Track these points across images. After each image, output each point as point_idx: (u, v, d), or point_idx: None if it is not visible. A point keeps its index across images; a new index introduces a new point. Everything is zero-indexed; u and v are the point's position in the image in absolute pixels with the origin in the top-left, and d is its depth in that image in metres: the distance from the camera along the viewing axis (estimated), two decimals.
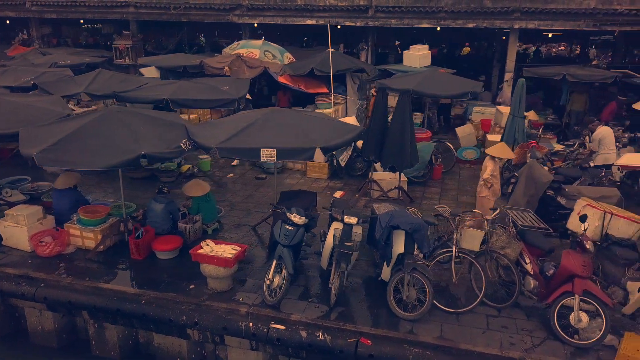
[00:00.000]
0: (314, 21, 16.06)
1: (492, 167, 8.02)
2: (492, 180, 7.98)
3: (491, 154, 8.18)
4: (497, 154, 8.16)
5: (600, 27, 14.14)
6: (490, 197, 8.01)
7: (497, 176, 8.15)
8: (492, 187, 8.01)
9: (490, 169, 8.02)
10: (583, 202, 6.77)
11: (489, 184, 8.00)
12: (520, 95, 10.59)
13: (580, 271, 5.73)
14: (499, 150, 8.25)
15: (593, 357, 5.56)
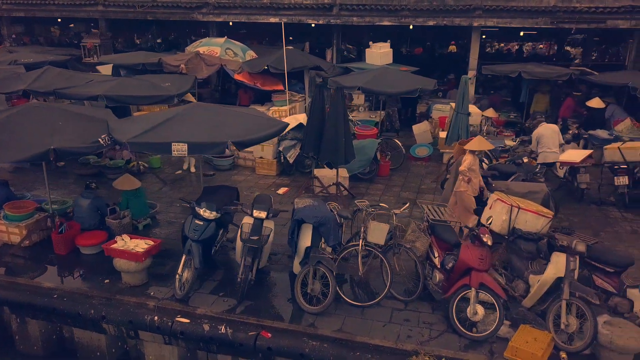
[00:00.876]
0: (277, 19, 16.07)
1: (470, 160, 7.74)
2: (471, 174, 7.68)
3: (470, 149, 7.93)
4: (475, 148, 7.92)
5: (557, 25, 14.17)
6: (470, 192, 7.78)
7: (477, 171, 7.91)
8: (470, 181, 7.73)
9: (468, 162, 7.71)
10: (494, 196, 6.80)
11: (466, 178, 7.75)
12: (464, 92, 10.62)
13: (476, 264, 5.77)
14: (476, 144, 8.00)
15: (486, 349, 5.59)
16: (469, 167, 7.66)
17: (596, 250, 6.08)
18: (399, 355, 5.57)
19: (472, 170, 7.74)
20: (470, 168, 7.72)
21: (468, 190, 7.81)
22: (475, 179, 7.76)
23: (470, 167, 7.72)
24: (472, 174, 7.75)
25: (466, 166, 7.67)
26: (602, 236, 8.47)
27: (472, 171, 7.74)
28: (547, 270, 5.78)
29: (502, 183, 8.47)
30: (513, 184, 8.49)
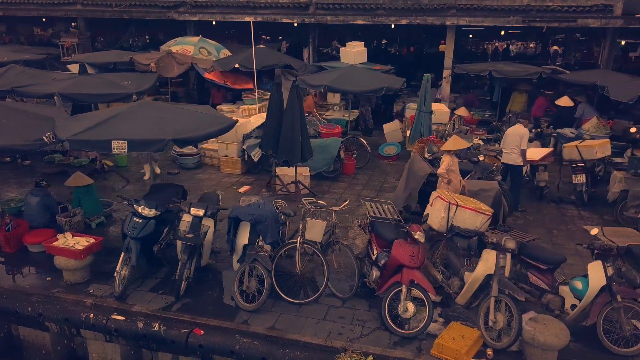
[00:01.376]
0: (252, 18, 16.04)
1: (448, 161, 7.65)
2: (450, 175, 7.61)
3: (446, 149, 7.84)
4: (450, 147, 7.81)
5: (529, 24, 14.16)
6: (451, 192, 7.52)
7: (456, 171, 7.79)
8: (450, 182, 7.65)
9: (446, 163, 7.63)
10: (435, 193, 6.80)
11: (445, 179, 7.66)
12: (426, 90, 10.62)
13: (407, 261, 5.77)
14: (452, 144, 7.90)
15: (414, 346, 5.59)
16: (447, 169, 7.55)
17: (531, 248, 6.09)
18: (328, 353, 5.57)
19: (451, 170, 7.64)
20: (449, 169, 7.61)
21: (449, 191, 7.61)
22: (455, 179, 7.66)
23: (449, 168, 7.60)
24: (452, 174, 7.64)
25: (444, 168, 7.56)
26: (555, 234, 8.50)
27: (451, 172, 7.64)
28: (477, 267, 5.78)
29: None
30: (466, 182, 8.48)
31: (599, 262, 5.57)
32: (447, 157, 7.72)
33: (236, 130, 11.09)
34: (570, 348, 5.61)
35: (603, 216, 9.16)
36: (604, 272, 5.51)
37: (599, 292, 5.54)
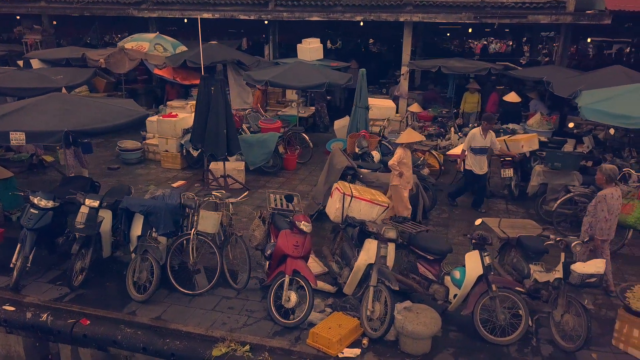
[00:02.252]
0: (210, 15, 16.07)
1: (400, 154, 7.67)
2: (402, 167, 7.64)
3: (400, 142, 7.88)
4: (404, 140, 7.83)
5: (481, 20, 14.17)
6: (403, 185, 7.71)
7: (408, 164, 7.82)
8: (402, 175, 7.63)
9: (398, 156, 7.65)
10: (335, 185, 6.81)
11: (396, 172, 7.65)
12: (361, 86, 10.63)
13: (291, 251, 5.78)
14: (405, 137, 7.92)
15: (294, 335, 5.60)
16: (398, 161, 7.59)
17: (419, 239, 6.11)
18: (208, 342, 5.58)
19: (402, 163, 7.67)
20: (401, 162, 7.64)
21: (401, 184, 7.74)
22: (407, 172, 7.70)
23: (401, 161, 7.63)
24: (404, 167, 7.67)
25: (395, 160, 7.60)
26: (474, 228, 8.48)
27: (403, 164, 7.67)
28: (359, 257, 5.79)
29: (373, 175, 8.51)
30: (382, 175, 8.52)
31: (476, 252, 5.59)
32: (400, 150, 7.75)
33: (175, 125, 11.16)
34: (449, 337, 5.65)
35: (528, 210, 9.18)
36: (480, 261, 5.53)
37: (476, 282, 5.56)
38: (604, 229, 6.13)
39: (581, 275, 5.14)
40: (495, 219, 6.63)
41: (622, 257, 7.55)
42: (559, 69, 13.59)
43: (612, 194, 6.08)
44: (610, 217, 6.10)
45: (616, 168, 6.38)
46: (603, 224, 6.10)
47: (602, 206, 6.07)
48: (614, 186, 6.15)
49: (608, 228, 6.15)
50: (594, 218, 6.12)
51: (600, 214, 6.08)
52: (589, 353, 5.39)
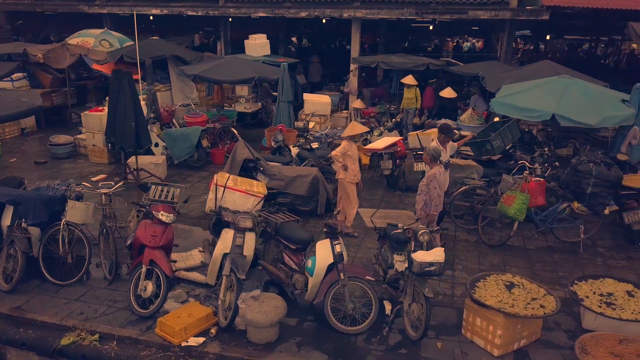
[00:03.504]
0: (159, 11, 16.07)
1: (345, 146, 7.63)
2: (347, 160, 7.59)
3: (343, 135, 7.93)
4: (347, 133, 7.84)
5: (422, 16, 14.16)
6: (350, 179, 7.64)
7: (354, 157, 7.73)
8: (347, 168, 7.59)
9: (341, 148, 7.63)
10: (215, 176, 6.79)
11: (339, 164, 7.66)
12: (283, 80, 10.63)
13: (148, 241, 5.78)
14: (349, 129, 7.95)
15: (146, 325, 5.59)
16: (342, 153, 7.57)
17: (285, 229, 6.11)
18: (60, 331, 5.57)
19: (347, 156, 7.63)
20: (346, 154, 7.60)
21: (347, 177, 7.69)
22: (352, 165, 7.66)
23: (345, 153, 7.60)
24: (349, 159, 7.63)
25: (339, 151, 7.60)
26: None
27: (348, 157, 7.63)
28: (217, 246, 5.79)
29: (275, 167, 8.52)
30: (285, 168, 8.56)
31: (327, 240, 5.58)
32: (345, 143, 7.73)
33: (101, 120, 11.15)
34: (302, 326, 5.65)
35: None
36: (331, 250, 5.52)
37: (328, 271, 5.55)
38: (438, 204, 6.53)
39: (420, 264, 5.14)
40: (371, 210, 6.64)
41: (508, 248, 7.56)
42: (498, 64, 13.62)
43: (440, 172, 6.46)
44: (441, 193, 6.54)
45: (439, 150, 6.68)
46: (437, 199, 6.47)
47: (434, 184, 6.41)
48: (439, 164, 6.51)
49: (440, 203, 6.61)
50: (428, 195, 6.43)
51: (433, 191, 6.41)
52: (435, 342, 5.39)
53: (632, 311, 5.35)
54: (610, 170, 6.89)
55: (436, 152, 6.50)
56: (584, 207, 7.14)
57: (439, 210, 6.65)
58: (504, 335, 5.09)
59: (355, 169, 7.75)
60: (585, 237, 7.61)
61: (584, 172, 6.97)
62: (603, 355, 4.83)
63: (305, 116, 12.94)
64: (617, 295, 5.65)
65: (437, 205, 6.51)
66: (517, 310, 5.08)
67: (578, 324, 5.71)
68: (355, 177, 7.76)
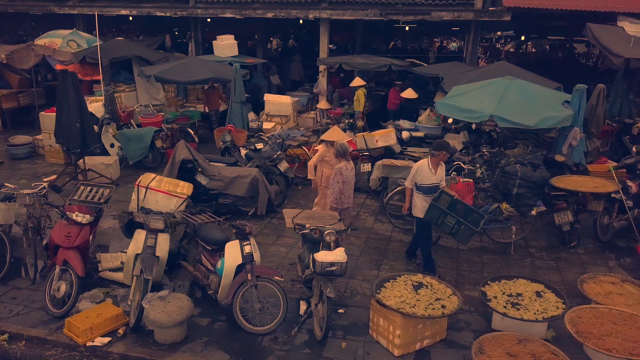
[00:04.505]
0: (127, 11, 16.12)
1: (322, 152, 7.61)
2: (323, 166, 7.51)
3: (324, 139, 7.82)
4: (326, 138, 7.76)
5: (386, 17, 14.19)
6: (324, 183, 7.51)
7: (331, 162, 7.52)
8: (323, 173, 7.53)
9: (319, 154, 7.60)
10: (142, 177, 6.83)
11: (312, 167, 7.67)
12: (236, 80, 10.67)
13: (62, 242, 5.81)
14: (329, 134, 7.87)
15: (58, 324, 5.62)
16: (319, 160, 7.54)
17: (202, 230, 6.15)
18: None
19: (324, 162, 7.58)
20: (323, 159, 7.57)
21: (322, 182, 7.64)
22: (328, 171, 7.41)
23: (322, 159, 7.58)
24: (325, 165, 7.54)
25: (315, 159, 7.60)
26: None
27: (324, 162, 7.57)
28: (129, 247, 5.82)
29: (215, 168, 8.56)
30: (225, 169, 8.59)
31: (236, 241, 5.61)
32: (322, 148, 7.61)
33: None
34: (213, 327, 5.69)
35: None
36: (240, 251, 5.56)
37: (238, 271, 5.59)
38: (342, 198, 6.83)
39: (322, 264, 5.17)
40: (296, 210, 6.65)
41: (440, 248, 7.59)
42: (460, 65, 13.66)
43: (345, 166, 6.76)
44: (345, 187, 6.79)
45: (346, 145, 6.86)
46: (337, 193, 6.76)
47: (337, 178, 6.71)
48: (347, 160, 6.81)
49: (347, 197, 6.89)
50: (333, 189, 6.66)
51: (336, 185, 6.72)
52: (341, 342, 5.42)
53: (535, 312, 5.38)
54: (536, 172, 6.92)
55: (342, 148, 6.81)
56: (511, 208, 7.17)
57: (344, 206, 6.86)
58: (403, 335, 5.13)
59: (329, 174, 7.39)
60: (518, 238, 7.66)
61: (510, 173, 7.00)
62: (498, 355, 4.86)
63: (267, 117, 13.01)
64: (525, 295, 5.68)
65: (343, 200, 6.74)
66: (414, 311, 5.11)
67: (489, 324, 5.74)
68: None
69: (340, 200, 6.82)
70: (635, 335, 4.93)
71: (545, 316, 5.34)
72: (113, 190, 7.06)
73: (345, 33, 25.91)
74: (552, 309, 5.45)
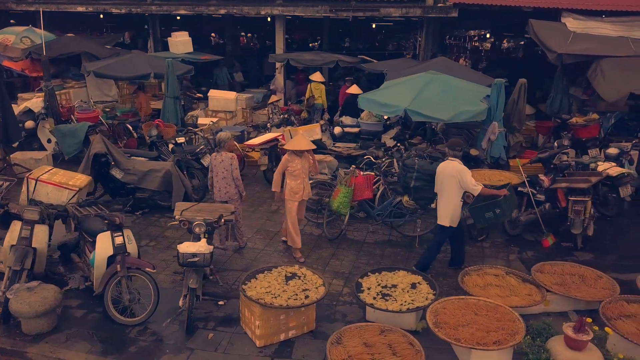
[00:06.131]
0: (84, 8, 16.12)
1: (284, 162, 6.80)
2: (288, 177, 6.77)
3: (287, 148, 6.96)
4: (291, 147, 6.81)
5: (337, 14, 14.21)
6: (287, 195, 6.83)
7: (295, 173, 6.74)
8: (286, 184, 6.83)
9: (281, 164, 6.82)
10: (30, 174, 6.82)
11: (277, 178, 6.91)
12: (169, 75, 10.66)
13: None
14: (294, 143, 6.86)
15: None
16: (283, 170, 6.74)
17: (84, 222, 6.13)
18: None
19: (288, 172, 6.81)
20: (287, 171, 6.78)
21: (284, 193, 6.94)
22: (293, 182, 6.78)
23: (286, 170, 6.78)
24: (290, 176, 6.79)
25: (279, 169, 6.77)
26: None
27: (288, 173, 6.81)
28: (5, 238, 5.81)
29: (129, 162, 8.54)
30: (139, 163, 8.58)
31: (107, 232, 5.60)
32: (285, 157, 6.83)
33: None
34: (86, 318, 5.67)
35: None
36: (111, 242, 5.54)
37: (110, 262, 5.57)
38: (215, 191, 6.91)
39: (183, 255, 5.16)
40: (188, 204, 6.64)
41: (347, 242, 7.57)
42: (406, 61, 13.68)
43: (214, 157, 6.88)
44: (211, 176, 6.90)
45: (223, 136, 6.91)
46: (209, 181, 7.01)
47: (211, 166, 6.90)
48: (225, 153, 6.84)
49: (218, 189, 6.88)
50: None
51: (209, 174, 6.91)
52: (209, 333, 5.41)
53: (402, 303, 5.37)
54: (433, 164, 6.90)
55: (218, 139, 6.93)
56: (411, 201, 7.16)
57: (223, 198, 6.85)
58: (263, 325, 5.11)
59: (296, 187, 6.81)
60: (426, 231, 7.65)
61: (408, 166, 6.98)
62: (354, 345, 4.85)
63: (212, 113, 13.01)
64: (399, 287, 5.68)
65: (220, 192, 6.86)
66: (273, 301, 5.10)
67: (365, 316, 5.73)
68: (296, 195, 6.84)
69: (214, 193, 6.85)
70: (491, 325, 4.92)
71: (410, 307, 5.33)
72: (11, 184, 7.05)
73: (316, 31, 25.86)
74: (420, 300, 5.44)
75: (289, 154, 6.89)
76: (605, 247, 7.55)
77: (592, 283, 5.96)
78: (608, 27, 11.72)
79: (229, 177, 6.88)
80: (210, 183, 6.96)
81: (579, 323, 4.54)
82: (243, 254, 7.21)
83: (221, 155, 6.83)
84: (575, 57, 10.43)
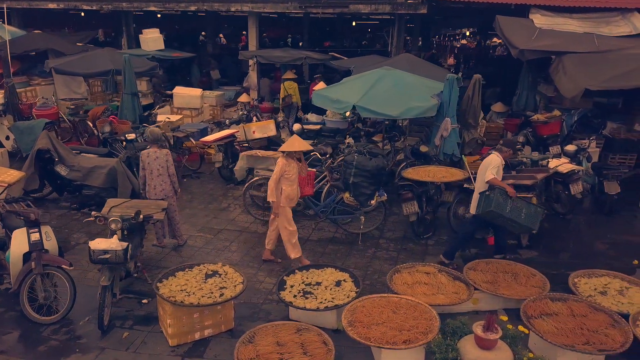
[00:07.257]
0: (55, 5, 15.98)
1: (281, 167, 6.29)
2: (283, 182, 6.32)
3: (281, 150, 6.49)
4: (285, 149, 6.41)
5: (306, 10, 14.09)
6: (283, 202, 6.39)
7: (291, 178, 6.37)
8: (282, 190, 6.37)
9: (277, 169, 6.32)
10: None
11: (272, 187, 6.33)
12: (127, 71, 10.53)
13: None
14: (288, 145, 6.48)
15: None
16: (279, 176, 6.28)
17: (8, 219, 6.00)
18: None
19: (284, 178, 6.35)
20: (283, 176, 6.34)
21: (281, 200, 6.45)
22: (289, 188, 6.38)
23: (282, 175, 6.33)
24: (286, 182, 6.36)
25: (275, 176, 6.27)
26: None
27: (284, 179, 6.36)
28: None
29: (74, 158, 8.42)
30: (84, 159, 8.45)
31: (23, 229, 5.47)
32: (281, 162, 6.32)
33: None
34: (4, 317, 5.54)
35: None
36: (27, 239, 5.41)
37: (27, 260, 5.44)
38: (148, 188, 6.74)
39: (94, 251, 5.03)
40: (121, 200, 6.51)
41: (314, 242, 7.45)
42: (374, 59, 13.52)
43: (147, 153, 6.70)
44: (143, 174, 6.73)
45: (156, 131, 6.93)
46: (142, 179, 6.80)
47: (143, 163, 6.69)
48: (157, 149, 6.72)
49: (153, 187, 6.71)
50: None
51: (141, 172, 6.75)
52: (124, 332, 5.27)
53: (321, 301, 5.24)
54: (371, 161, 6.78)
55: (151, 134, 6.84)
56: (351, 198, 7.02)
57: (157, 195, 6.72)
58: (176, 324, 4.99)
59: (292, 192, 6.45)
60: (372, 228, 7.54)
61: (348, 162, 6.86)
62: (266, 344, 4.73)
63: (177, 110, 12.88)
64: (323, 285, 5.55)
65: (146, 186, 6.75)
66: (184, 299, 4.97)
67: None
68: (292, 201, 6.52)
69: (148, 191, 6.75)
70: (406, 324, 4.80)
71: (329, 305, 5.20)
72: None
73: (296, 29, 25.73)
74: (341, 297, 5.31)
75: (285, 158, 6.35)
76: (552, 245, 7.41)
77: (524, 281, 5.84)
78: (575, 23, 11.59)
79: (165, 174, 6.76)
80: (143, 182, 6.80)
81: (488, 322, 4.41)
82: (181, 252, 7.08)
83: (155, 152, 6.69)
84: (537, 53, 10.30)
